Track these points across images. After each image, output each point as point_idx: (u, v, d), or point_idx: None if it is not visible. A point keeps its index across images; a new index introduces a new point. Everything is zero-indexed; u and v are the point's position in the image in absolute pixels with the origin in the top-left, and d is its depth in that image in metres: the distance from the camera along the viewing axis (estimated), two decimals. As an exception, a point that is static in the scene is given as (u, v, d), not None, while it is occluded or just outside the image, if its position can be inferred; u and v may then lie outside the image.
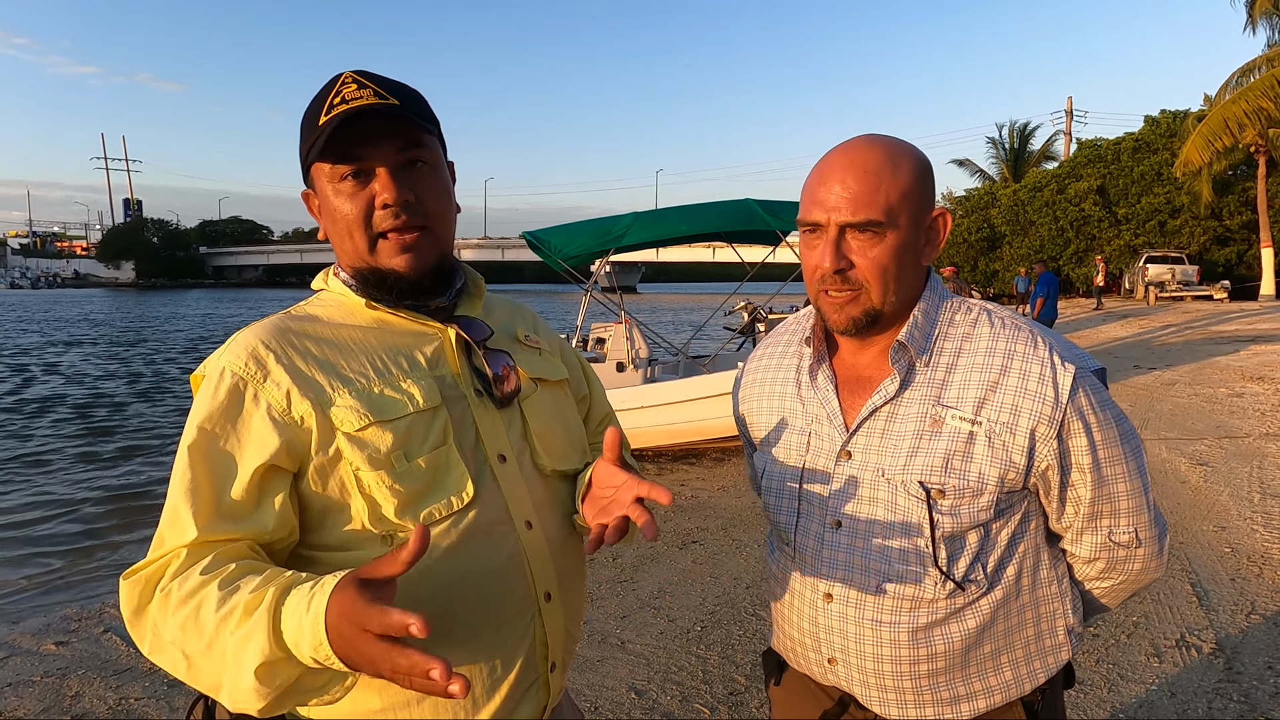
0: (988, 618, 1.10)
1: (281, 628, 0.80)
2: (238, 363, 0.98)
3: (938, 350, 1.10)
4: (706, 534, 5.17)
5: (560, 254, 7.90)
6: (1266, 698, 2.86)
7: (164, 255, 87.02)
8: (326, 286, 1.11)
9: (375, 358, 1.02)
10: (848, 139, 1.10)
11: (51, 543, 5.87)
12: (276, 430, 0.94)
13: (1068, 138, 37.76)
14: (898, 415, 1.09)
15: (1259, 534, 4.48)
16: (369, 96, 0.99)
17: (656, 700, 3.05)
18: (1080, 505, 1.10)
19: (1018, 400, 1.04)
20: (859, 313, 1.08)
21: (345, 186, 1.01)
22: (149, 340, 23.22)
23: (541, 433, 1.11)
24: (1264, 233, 23.16)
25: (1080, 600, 1.21)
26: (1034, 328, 1.10)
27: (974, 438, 1.05)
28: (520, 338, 1.19)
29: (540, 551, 1.05)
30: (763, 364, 1.30)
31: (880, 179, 1.04)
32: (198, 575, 0.86)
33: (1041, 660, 1.16)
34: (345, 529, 0.96)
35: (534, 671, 1.06)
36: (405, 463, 0.97)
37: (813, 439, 1.16)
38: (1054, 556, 1.17)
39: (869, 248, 1.05)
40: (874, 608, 1.10)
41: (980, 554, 1.08)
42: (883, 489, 1.08)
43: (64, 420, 10.62)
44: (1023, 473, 1.05)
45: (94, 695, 3.26)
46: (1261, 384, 9.23)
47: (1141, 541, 1.14)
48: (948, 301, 1.14)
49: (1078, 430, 1.05)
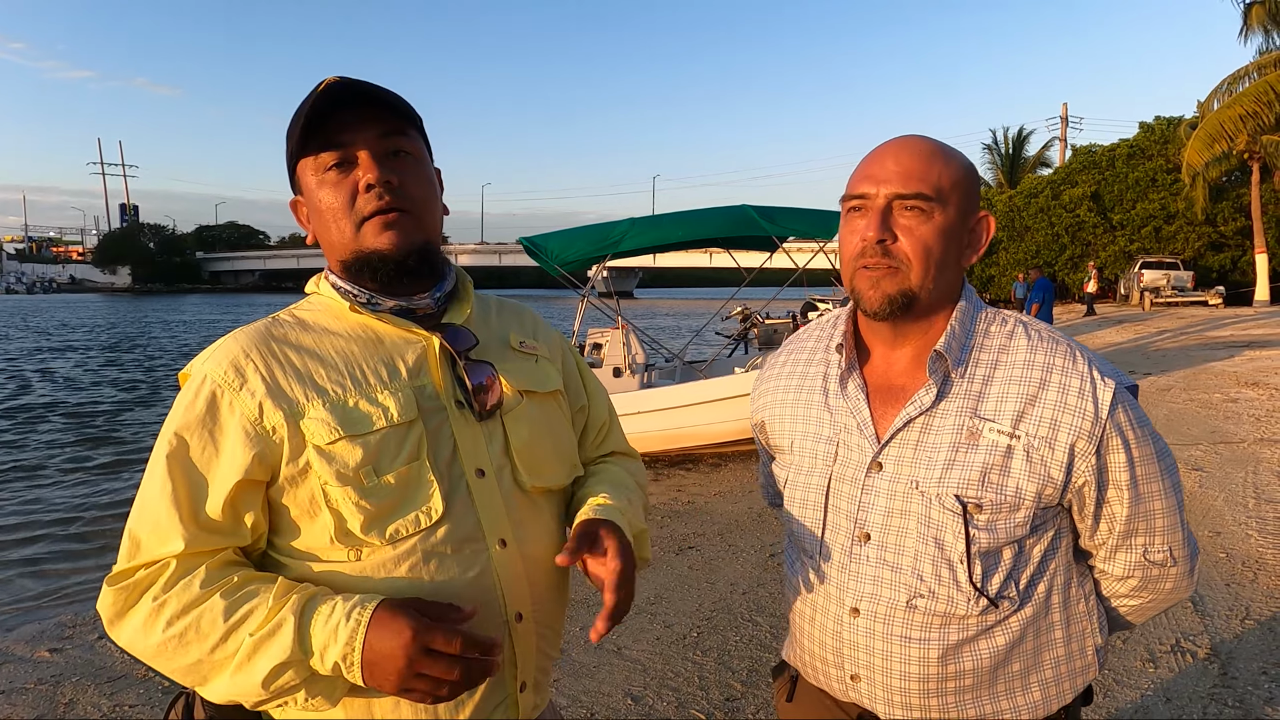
0: (1018, 635, 1.08)
1: (311, 632, 0.87)
2: (217, 371, 0.98)
3: (974, 361, 1.08)
4: (703, 539, 5.16)
5: (557, 259, 7.91)
6: (1261, 703, 2.87)
7: (160, 260, 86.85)
8: (318, 290, 1.11)
9: (355, 367, 1.02)
10: (900, 135, 1.12)
11: (45, 549, 5.85)
12: (250, 442, 0.95)
13: (1063, 144, 37.91)
14: (933, 426, 1.06)
15: (1254, 539, 4.49)
16: (343, 83, 1.00)
17: (653, 706, 3.04)
18: (1115, 523, 1.08)
19: (1057, 415, 1.02)
20: (895, 290, 1.05)
21: (330, 177, 1.02)
22: (144, 346, 23.16)
23: (523, 448, 1.08)
24: (1258, 239, 23.24)
25: (1106, 617, 1.19)
26: (1071, 341, 1.09)
27: (1012, 451, 1.02)
28: (515, 344, 1.16)
29: (513, 570, 1.03)
30: (785, 369, 1.26)
31: (934, 160, 1.05)
32: (197, 589, 0.90)
33: (1071, 680, 1.13)
34: (313, 540, 0.97)
35: (502, 692, 1.05)
36: (374, 478, 0.96)
37: (841, 449, 1.13)
38: (1082, 574, 1.15)
39: (916, 224, 1.04)
40: (903, 624, 1.07)
41: (1014, 570, 1.06)
42: (916, 502, 1.05)
43: (57, 427, 10.58)
44: (1060, 488, 1.03)
45: (88, 702, 3.25)
46: (1256, 389, 9.26)
47: (1175, 560, 1.12)
48: (983, 312, 1.12)
49: (1117, 447, 1.03)
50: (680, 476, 7.27)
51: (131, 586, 0.91)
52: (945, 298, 1.09)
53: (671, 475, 7.33)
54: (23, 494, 7.33)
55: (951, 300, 1.10)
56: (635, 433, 7.46)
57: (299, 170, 1.05)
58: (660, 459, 7.80)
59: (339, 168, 1.01)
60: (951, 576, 1.04)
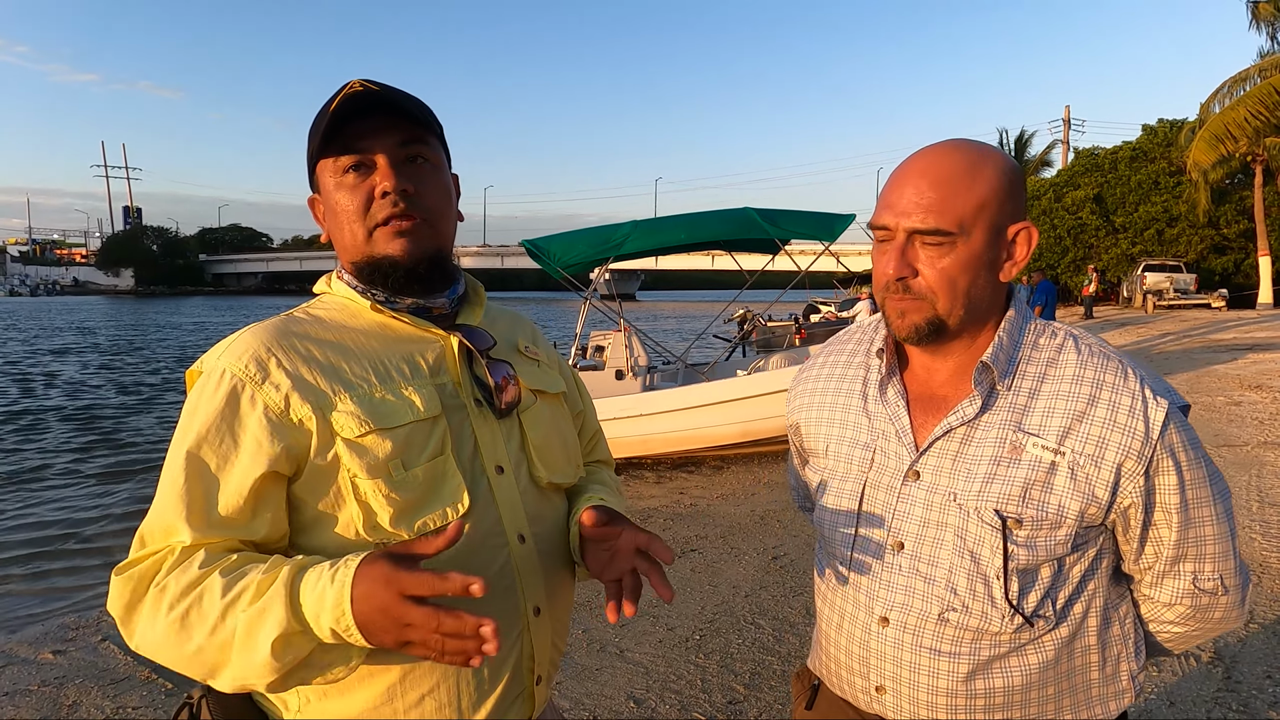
0: (1052, 656, 1.05)
1: (301, 601, 0.84)
2: (238, 364, 0.97)
3: (1020, 374, 1.05)
4: (705, 542, 5.16)
5: (559, 262, 7.92)
6: (1265, 707, 2.86)
7: (163, 263, 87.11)
8: (330, 289, 1.11)
9: (378, 362, 1.02)
10: (932, 143, 1.06)
11: (48, 551, 5.86)
12: (275, 434, 0.94)
13: (1065, 146, 37.90)
14: (974, 438, 1.04)
15: (1257, 542, 4.49)
16: (375, 89, 1.01)
17: (655, 709, 3.04)
18: (1162, 547, 1.05)
19: (1106, 433, 0.99)
20: (921, 320, 1.03)
21: (347, 179, 1.02)
22: (147, 349, 23.21)
23: (539, 445, 1.11)
24: (1261, 241, 23.22)
25: (1144, 643, 1.15)
26: (1124, 358, 1.05)
27: (1056, 468, 1.00)
28: (521, 349, 1.19)
29: (531, 565, 1.05)
30: (824, 372, 1.24)
31: (955, 187, 1.00)
32: (196, 569, 0.88)
33: (1104, 705, 1.10)
34: (338, 535, 0.96)
35: (520, 684, 1.06)
36: (403, 471, 0.96)
37: (878, 455, 1.11)
38: (1121, 597, 1.12)
39: (937, 258, 1.01)
40: (933, 636, 1.05)
41: (1051, 589, 1.03)
42: (953, 514, 1.03)
43: (61, 430, 10.60)
44: (1104, 508, 1.00)
45: (91, 704, 3.25)
46: (1259, 392, 9.24)
47: (1228, 589, 1.08)
48: (1031, 323, 1.09)
49: (1167, 468, 1.00)
50: (683, 479, 7.27)
51: (138, 576, 0.91)
52: (984, 313, 1.06)
53: (674, 478, 7.33)
54: (25, 497, 7.34)
55: (994, 311, 1.07)
56: (638, 435, 7.48)
57: (318, 170, 1.06)
58: (663, 461, 7.80)
59: (357, 171, 1.02)
60: (986, 592, 1.02)
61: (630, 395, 7.66)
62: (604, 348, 8.52)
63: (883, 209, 1.04)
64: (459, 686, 0.99)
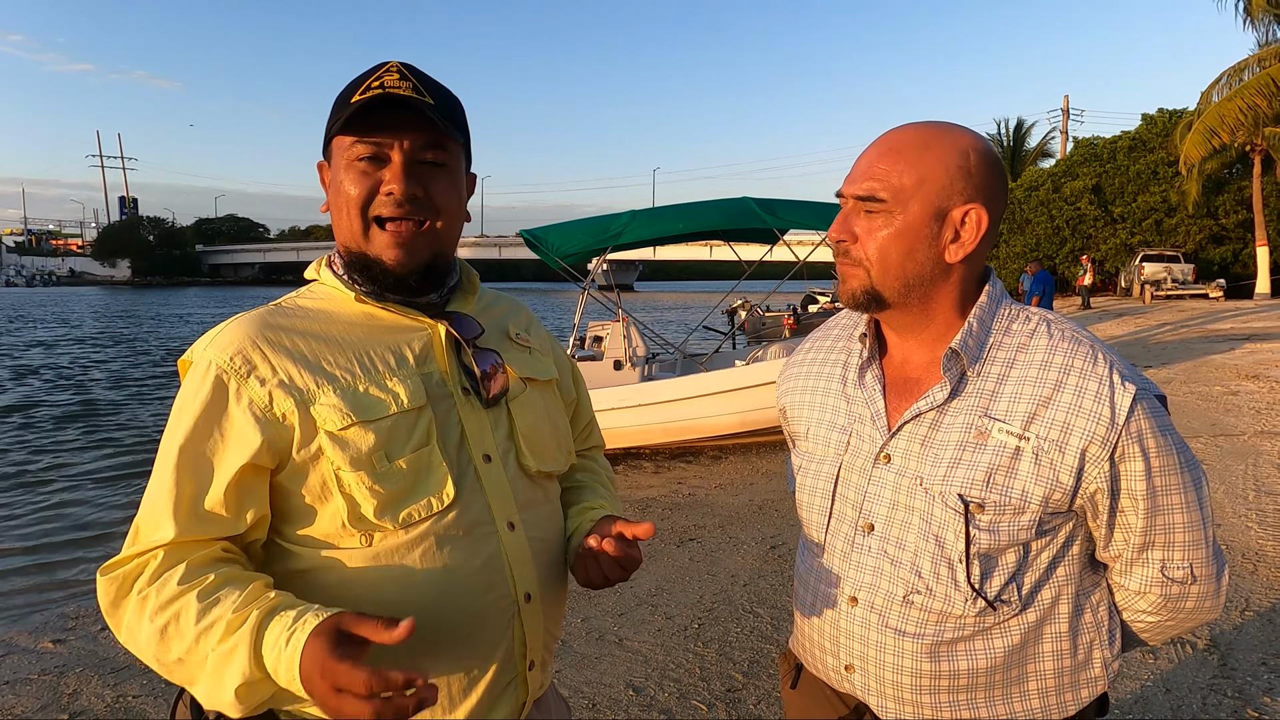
0: (1017, 641, 1.05)
1: (263, 652, 0.84)
2: (223, 357, 0.97)
3: (990, 359, 1.05)
4: (704, 531, 5.17)
5: (558, 252, 7.90)
6: (1260, 693, 2.88)
7: (160, 253, 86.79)
8: (319, 277, 1.11)
9: (362, 353, 1.02)
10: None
11: (47, 541, 5.87)
12: (259, 427, 0.94)
13: (1064, 136, 37.81)
14: (942, 424, 1.05)
15: (1253, 531, 4.50)
16: (408, 89, 1.00)
17: (654, 697, 3.06)
18: (1131, 534, 1.05)
19: (1070, 418, 0.99)
20: (858, 288, 1.06)
21: (358, 165, 1.01)
22: (144, 338, 23.15)
23: (528, 433, 1.11)
24: (1259, 231, 23.20)
25: (1120, 631, 1.15)
26: (1095, 342, 1.05)
27: (1020, 453, 1.00)
28: (512, 335, 1.18)
29: (521, 553, 1.05)
30: (810, 357, 1.26)
31: (900, 158, 1.01)
32: (174, 585, 0.89)
33: (1074, 691, 1.10)
34: (324, 526, 0.96)
35: (512, 670, 1.06)
36: (386, 463, 0.96)
37: (853, 439, 1.12)
38: (1095, 584, 1.11)
39: (872, 227, 1.03)
40: (898, 617, 1.06)
41: (1016, 574, 1.04)
42: (920, 498, 1.04)
43: (58, 420, 10.59)
44: (1069, 493, 1.00)
45: (91, 693, 3.26)
46: (1256, 382, 9.26)
47: (1197, 579, 1.07)
48: (1004, 308, 1.09)
49: (1133, 455, 1.00)
50: (681, 469, 7.28)
51: (122, 577, 0.92)
52: (931, 292, 1.05)
53: (672, 468, 7.34)
54: (24, 486, 7.34)
55: (956, 294, 1.07)
56: (636, 425, 7.48)
57: (334, 144, 1.04)
58: (661, 451, 7.81)
59: (370, 160, 1.01)
60: (950, 575, 1.03)
61: (628, 385, 7.66)
62: (602, 338, 8.52)
63: (844, 181, 1.08)
64: (447, 675, 1.00)
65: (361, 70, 1.06)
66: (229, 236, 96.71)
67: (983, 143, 1.04)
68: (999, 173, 1.05)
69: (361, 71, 1.05)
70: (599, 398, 7.53)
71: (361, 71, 1.05)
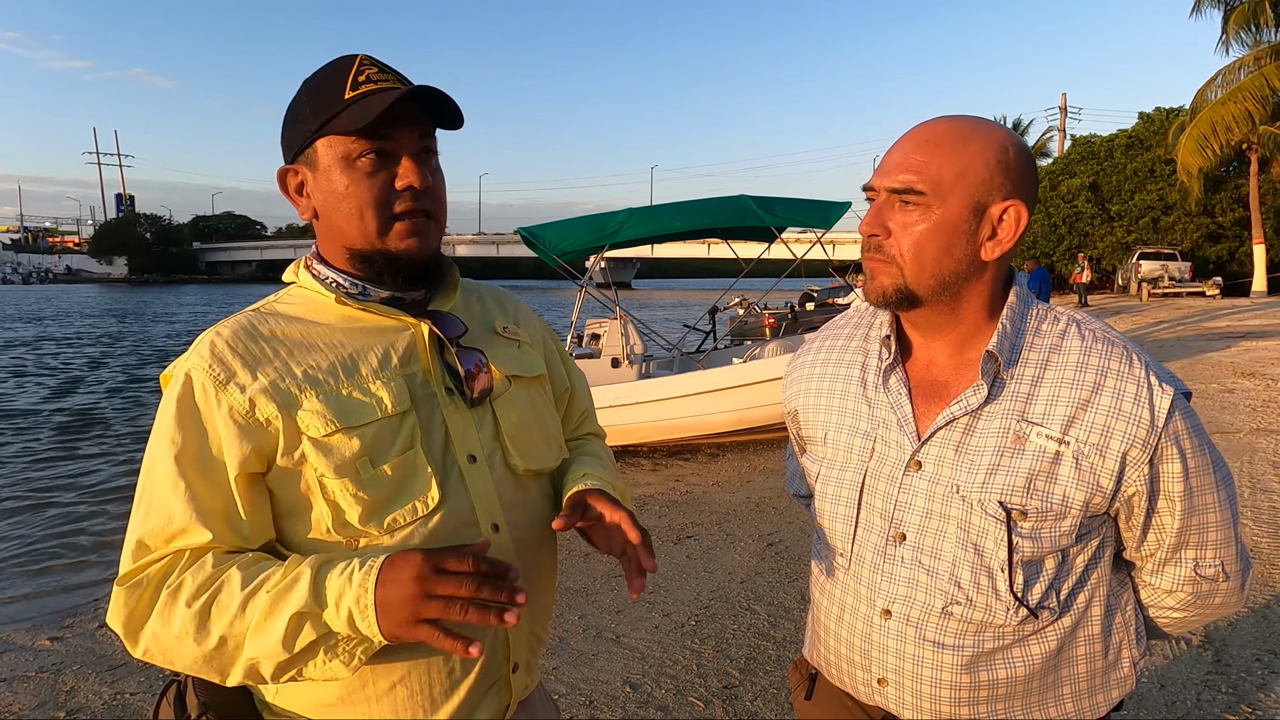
0: (1055, 647, 1.04)
1: (325, 585, 0.87)
2: (201, 366, 0.96)
3: (1023, 362, 1.03)
4: (701, 529, 5.18)
5: (555, 250, 7.90)
6: (1253, 689, 2.89)
7: (157, 251, 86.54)
8: (298, 280, 1.09)
9: (345, 356, 1.00)
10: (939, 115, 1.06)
11: (44, 536, 5.86)
12: (242, 435, 0.93)
13: (1061, 134, 37.84)
14: (977, 429, 1.01)
15: (1248, 528, 4.52)
16: (393, 81, 1.00)
17: (651, 694, 3.06)
18: (1165, 535, 1.04)
19: (1111, 421, 0.97)
20: (889, 284, 1.02)
21: (363, 164, 0.99)
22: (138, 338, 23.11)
23: (514, 432, 1.09)
24: (1256, 229, 23.24)
25: (1144, 629, 1.15)
26: (1128, 343, 1.02)
27: (1060, 458, 0.98)
28: (499, 329, 1.16)
29: (505, 555, 1.04)
30: (821, 357, 1.21)
31: (938, 150, 0.98)
32: (210, 567, 0.90)
33: (1105, 693, 1.09)
34: (308, 532, 0.96)
35: (495, 673, 1.06)
36: (371, 469, 0.95)
37: (878, 445, 1.08)
38: (1122, 584, 1.11)
39: (909, 220, 0.99)
40: (936, 629, 1.04)
41: (1056, 580, 1.02)
42: (956, 505, 1.01)
43: (53, 417, 10.57)
44: (1109, 497, 0.99)
45: (89, 690, 3.26)
46: (1252, 380, 9.29)
47: (1228, 575, 1.07)
48: (1033, 308, 1.07)
49: (1172, 456, 0.98)
50: (678, 466, 7.28)
51: (145, 581, 0.90)
52: (963, 291, 1.02)
53: (669, 465, 7.35)
54: (20, 482, 7.33)
55: (979, 291, 1.03)
56: (633, 423, 7.49)
57: (319, 145, 1.00)
58: (658, 449, 7.82)
59: (376, 156, 0.99)
60: (991, 584, 1.01)
61: (626, 383, 7.67)
62: (600, 336, 8.52)
63: (876, 170, 1.04)
64: (429, 674, 0.99)
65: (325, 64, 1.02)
66: (226, 234, 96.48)
67: (1019, 139, 1.02)
68: (1034, 171, 1.03)
69: (323, 68, 1.02)
70: (597, 395, 7.51)
71: (323, 68, 1.02)
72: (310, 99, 1.00)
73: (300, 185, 1.04)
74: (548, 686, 3.08)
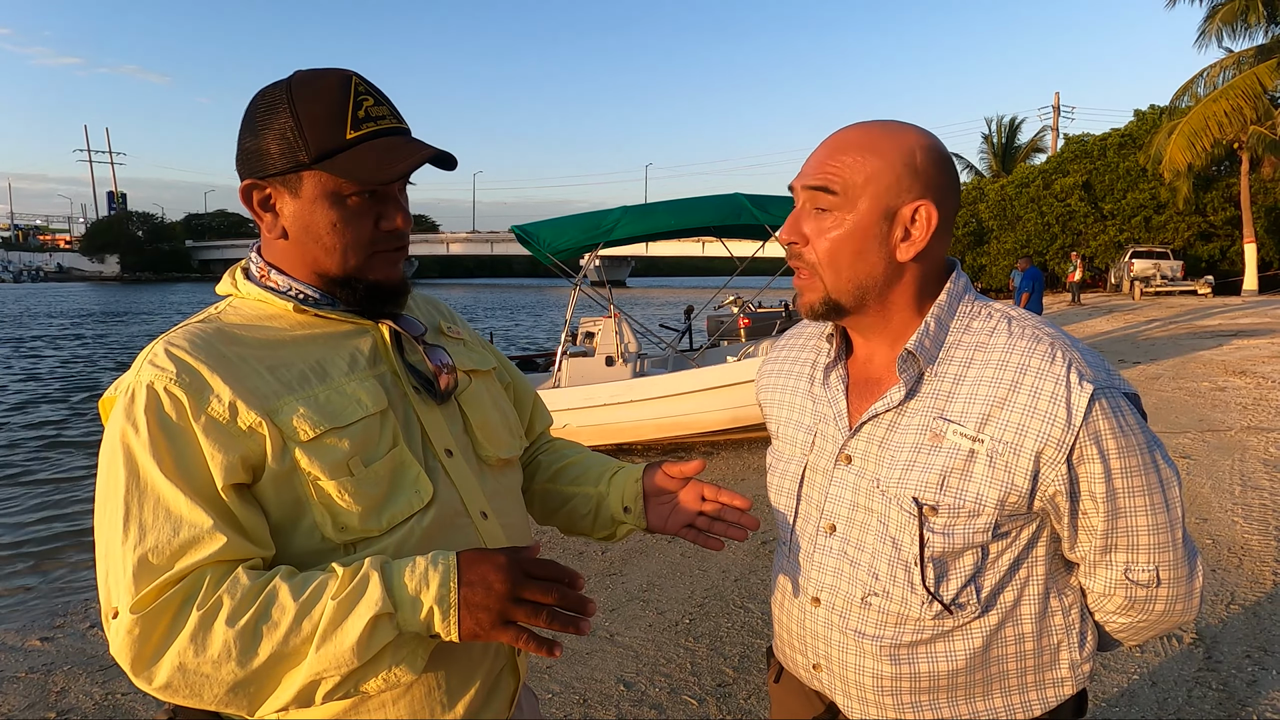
0: (979, 644, 1.04)
1: (395, 584, 0.85)
2: (164, 376, 0.89)
3: (947, 359, 1.03)
4: (695, 527, 5.18)
5: (549, 248, 7.88)
6: (1244, 686, 2.91)
7: (149, 249, 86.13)
8: (237, 291, 1.04)
9: (312, 362, 0.98)
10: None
11: (33, 537, 5.82)
12: (226, 444, 0.88)
13: (1055, 133, 37.95)
14: (899, 425, 1.04)
15: (1239, 525, 4.54)
16: (389, 117, 0.99)
17: (645, 692, 3.06)
18: (1093, 536, 1.02)
19: (1025, 419, 0.97)
20: (815, 299, 1.05)
21: (353, 203, 0.98)
22: (134, 335, 23.00)
23: (481, 424, 1.12)
24: (1247, 228, 23.34)
25: (1093, 633, 1.13)
26: (1057, 339, 1.01)
27: (974, 456, 0.98)
28: (444, 330, 1.19)
29: (498, 540, 1.06)
30: (784, 354, 1.27)
31: (847, 153, 1.00)
32: (247, 581, 0.84)
33: (1039, 692, 1.09)
34: (303, 542, 0.92)
35: (503, 657, 1.09)
36: (363, 469, 0.94)
37: (818, 438, 1.13)
38: (1064, 585, 1.09)
39: (823, 226, 1.02)
40: (858, 619, 1.06)
41: (975, 577, 1.03)
42: (877, 500, 1.04)
43: (46, 417, 10.51)
44: (1026, 496, 0.98)
45: (79, 691, 3.25)
46: (1243, 378, 9.33)
47: (1162, 582, 1.04)
48: (966, 305, 1.06)
49: (1092, 456, 0.96)
50: (672, 465, 7.27)
51: (160, 608, 0.82)
52: (895, 293, 1.04)
53: (664, 464, 7.33)
54: (11, 481, 7.29)
55: (911, 293, 1.05)
56: (628, 421, 7.48)
57: (308, 173, 0.96)
58: (652, 447, 7.82)
59: (368, 198, 0.99)
60: (907, 578, 1.02)
61: (620, 381, 7.66)
62: (594, 334, 8.51)
63: (795, 178, 1.06)
64: (446, 666, 1.00)
65: (321, 70, 0.99)
66: (219, 232, 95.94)
67: (930, 140, 1.02)
68: (948, 169, 1.03)
69: (312, 85, 0.96)
70: (591, 394, 7.54)
71: (312, 85, 0.96)
72: (302, 124, 0.94)
73: (267, 199, 0.99)
74: (542, 685, 3.08)
